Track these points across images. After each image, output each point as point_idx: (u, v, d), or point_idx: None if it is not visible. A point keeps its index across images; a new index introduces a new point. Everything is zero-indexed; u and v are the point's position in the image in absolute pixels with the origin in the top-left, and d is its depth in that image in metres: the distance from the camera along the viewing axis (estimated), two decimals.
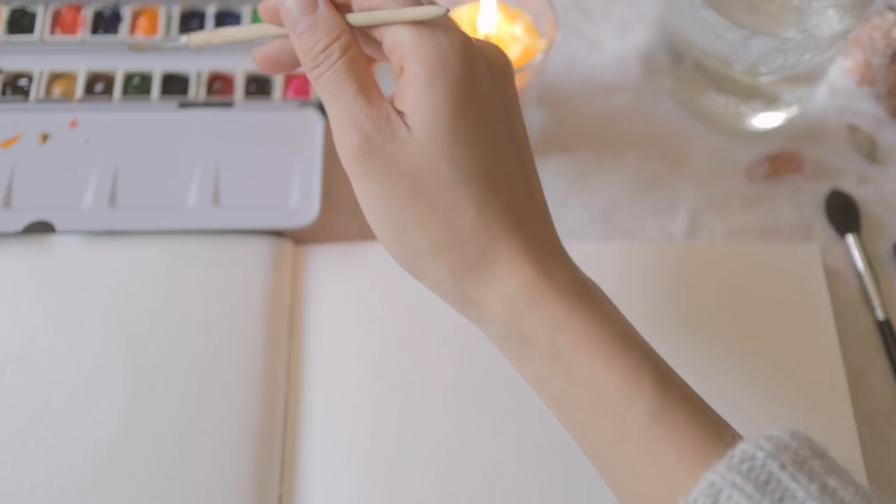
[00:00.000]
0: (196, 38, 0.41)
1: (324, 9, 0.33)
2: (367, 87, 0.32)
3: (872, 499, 0.26)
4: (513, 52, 0.45)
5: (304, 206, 0.44)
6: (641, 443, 0.29)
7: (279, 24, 0.36)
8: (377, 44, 0.33)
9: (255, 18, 0.50)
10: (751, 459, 0.26)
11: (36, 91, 0.47)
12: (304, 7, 0.33)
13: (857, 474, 0.27)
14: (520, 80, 0.44)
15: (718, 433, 0.29)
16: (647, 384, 0.29)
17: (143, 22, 0.49)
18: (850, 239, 0.48)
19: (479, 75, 0.32)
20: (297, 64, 0.38)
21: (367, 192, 0.32)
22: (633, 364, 0.30)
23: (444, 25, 0.32)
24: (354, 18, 0.33)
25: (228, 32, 0.39)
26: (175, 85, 0.48)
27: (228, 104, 0.47)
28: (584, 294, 0.31)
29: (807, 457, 0.27)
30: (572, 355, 0.30)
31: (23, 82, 0.47)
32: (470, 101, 0.31)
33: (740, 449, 0.27)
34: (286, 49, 0.37)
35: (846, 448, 0.41)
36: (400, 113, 0.31)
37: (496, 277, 0.31)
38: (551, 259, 0.32)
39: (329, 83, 0.32)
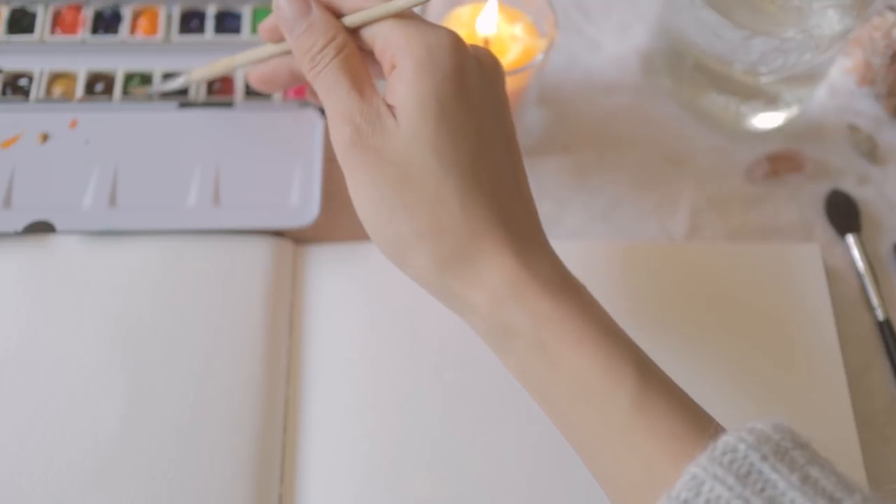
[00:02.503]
0: (196, 73, 0.44)
1: (317, 12, 0.34)
2: (360, 83, 0.33)
3: (855, 489, 0.26)
4: (513, 52, 0.45)
5: (304, 206, 0.44)
6: (623, 432, 0.29)
7: (278, 40, 0.38)
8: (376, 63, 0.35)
9: (256, 18, 0.50)
10: (732, 451, 0.27)
11: (36, 91, 0.47)
12: (299, 11, 0.34)
13: (840, 465, 0.28)
14: (520, 80, 0.44)
15: (700, 424, 0.29)
16: (628, 374, 0.30)
17: (143, 22, 0.49)
18: (850, 239, 0.48)
19: (469, 72, 0.33)
20: (291, 82, 0.40)
21: (356, 183, 0.33)
22: (615, 355, 0.30)
23: (434, 25, 0.33)
24: (349, 20, 0.34)
25: (226, 61, 0.42)
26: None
27: (228, 104, 0.47)
28: (566, 287, 0.32)
29: (788, 448, 0.27)
30: (555, 347, 0.31)
31: (23, 82, 0.47)
32: (458, 96, 0.32)
33: (722, 441, 0.27)
34: (280, 68, 0.39)
35: (846, 448, 0.41)
36: (390, 106, 0.33)
37: (479, 269, 0.32)
38: (535, 253, 0.33)
39: (325, 81, 0.34)
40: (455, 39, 0.33)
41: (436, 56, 0.32)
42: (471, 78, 0.33)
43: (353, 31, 0.35)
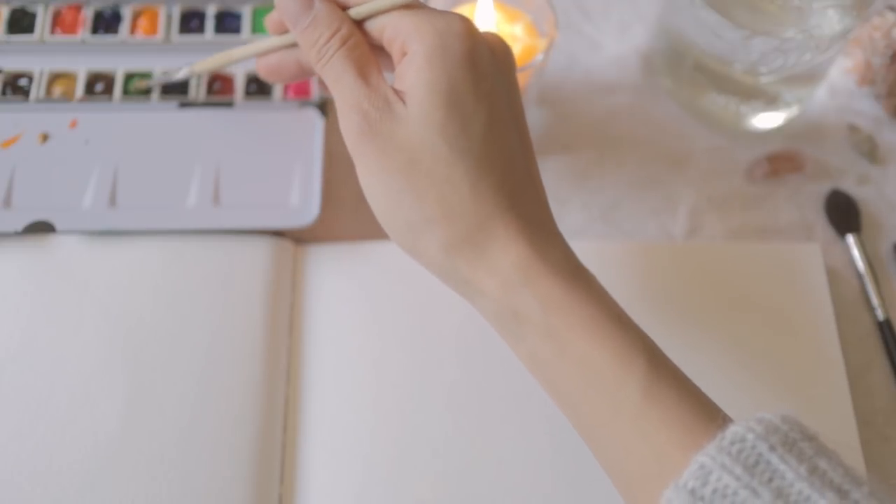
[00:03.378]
0: (199, 66, 0.44)
1: (321, 5, 0.34)
2: (366, 72, 0.33)
3: (862, 481, 0.26)
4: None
5: (304, 206, 0.44)
6: (633, 421, 0.29)
7: (284, 32, 0.38)
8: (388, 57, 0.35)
9: (256, 18, 0.50)
10: (741, 441, 0.27)
11: (36, 91, 0.47)
12: (302, 5, 0.34)
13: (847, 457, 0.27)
14: (520, 80, 0.43)
15: (709, 414, 0.29)
16: (639, 363, 0.30)
17: (143, 22, 0.49)
18: (850, 239, 0.48)
19: (480, 57, 0.33)
20: (298, 73, 0.39)
21: (366, 170, 0.33)
22: (626, 343, 0.30)
23: (444, 12, 0.33)
24: (355, 11, 0.34)
25: (228, 54, 0.41)
26: (175, 85, 0.48)
27: (228, 104, 0.47)
28: (577, 275, 0.32)
29: (797, 439, 0.27)
30: (565, 333, 0.31)
31: (23, 82, 0.47)
32: (469, 81, 0.32)
33: (731, 431, 0.27)
34: (286, 59, 0.39)
35: (847, 446, 0.40)
36: (399, 92, 0.32)
37: (490, 254, 0.32)
38: (545, 238, 0.33)
39: (332, 71, 0.34)
40: (466, 25, 0.33)
41: (446, 41, 0.32)
42: (482, 63, 0.33)
43: (360, 23, 0.35)
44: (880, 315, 0.45)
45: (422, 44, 0.32)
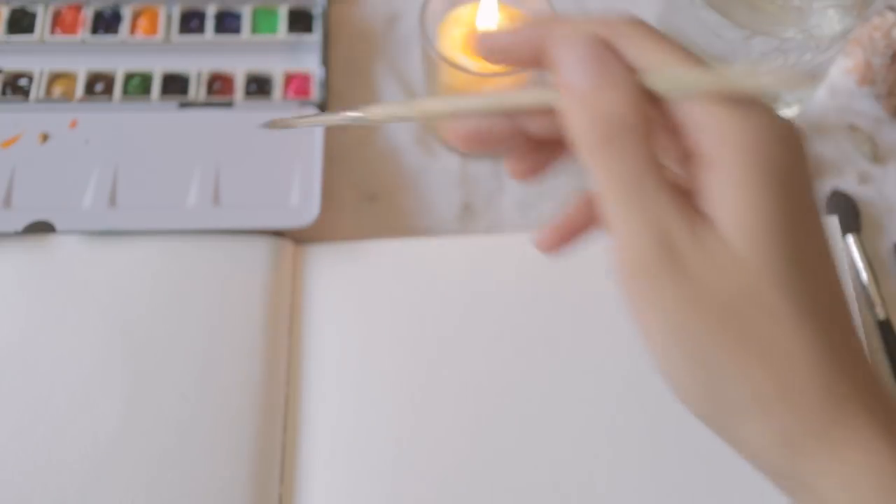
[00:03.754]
0: (377, 114, 0.28)
1: (616, 62, 0.24)
2: (664, 177, 0.24)
3: None
4: None
5: (304, 206, 0.44)
6: None
7: (507, 63, 0.27)
8: None
9: (256, 18, 0.50)
10: None
11: (36, 91, 0.47)
12: (591, 53, 0.24)
13: None
14: (520, 81, 0.44)
15: None
16: None
17: (143, 22, 0.49)
18: (850, 239, 0.48)
19: (805, 172, 0.24)
20: (508, 142, 0.28)
21: (655, 319, 0.24)
22: None
23: (751, 101, 0.24)
24: (653, 81, 0.24)
25: (449, 105, 0.28)
26: (175, 85, 0.48)
27: (228, 104, 0.47)
28: None
29: None
30: None
31: (23, 82, 0.47)
32: (800, 207, 0.24)
33: None
34: (499, 125, 0.27)
35: None
36: (705, 216, 0.24)
37: (842, 456, 0.23)
38: None
39: (625, 165, 0.24)
40: (788, 127, 0.24)
41: (770, 151, 0.23)
42: (807, 180, 0.24)
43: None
44: (880, 315, 0.45)
45: (736, 151, 0.23)
